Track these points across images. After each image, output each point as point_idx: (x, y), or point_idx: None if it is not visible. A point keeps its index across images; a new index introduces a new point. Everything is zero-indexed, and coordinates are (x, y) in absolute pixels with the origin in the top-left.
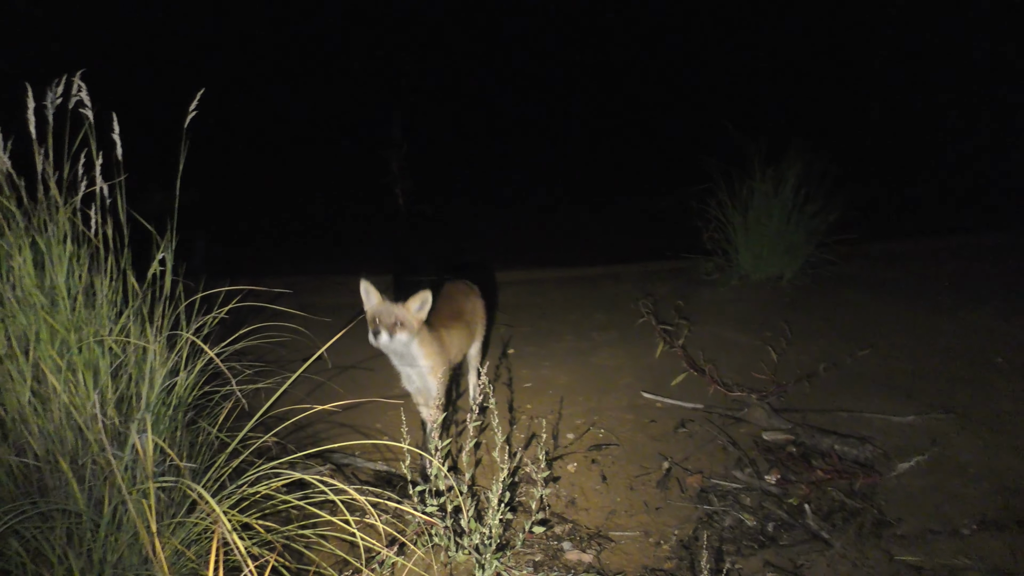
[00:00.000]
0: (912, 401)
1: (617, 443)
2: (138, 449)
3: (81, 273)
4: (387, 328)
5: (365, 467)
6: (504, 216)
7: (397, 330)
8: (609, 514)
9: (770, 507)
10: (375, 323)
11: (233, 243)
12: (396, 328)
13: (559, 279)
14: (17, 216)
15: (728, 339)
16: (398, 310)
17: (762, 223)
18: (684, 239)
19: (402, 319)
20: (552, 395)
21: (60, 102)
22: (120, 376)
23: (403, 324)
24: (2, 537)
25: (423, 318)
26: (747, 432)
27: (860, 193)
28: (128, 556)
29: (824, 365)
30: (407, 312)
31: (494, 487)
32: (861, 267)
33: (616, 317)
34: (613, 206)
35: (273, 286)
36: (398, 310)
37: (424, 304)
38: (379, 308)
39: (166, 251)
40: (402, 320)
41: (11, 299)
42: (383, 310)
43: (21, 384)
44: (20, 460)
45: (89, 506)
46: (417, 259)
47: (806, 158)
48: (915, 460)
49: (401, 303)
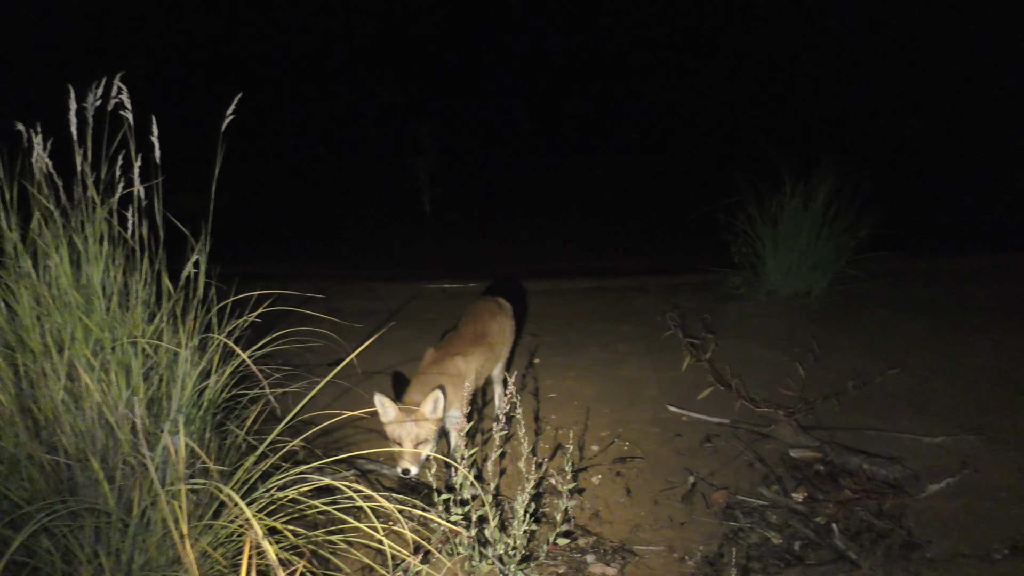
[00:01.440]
0: (943, 421)
1: (642, 456)
2: (170, 450)
3: (116, 274)
4: (411, 458)
5: (390, 474)
6: (530, 225)
7: (422, 449)
8: (633, 528)
9: (797, 525)
10: (399, 450)
11: (262, 244)
12: (420, 448)
13: (585, 289)
14: (56, 215)
15: (755, 354)
16: (416, 428)
17: (791, 238)
18: (712, 252)
19: (423, 436)
20: (577, 406)
21: (100, 103)
22: (151, 377)
23: (425, 440)
24: (33, 535)
25: (440, 416)
26: (774, 448)
27: (892, 210)
28: (156, 556)
29: (853, 383)
30: (424, 423)
31: (519, 498)
32: (892, 285)
33: (642, 329)
34: (641, 217)
35: (303, 290)
36: (416, 428)
37: (437, 404)
38: (398, 429)
39: (199, 254)
40: (424, 438)
41: (47, 297)
42: (402, 432)
43: (55, 382)
44: (52, 458)
45: (119, 506)
46: (443, 266)
47: (837, 173)
48: (945, 482)
49: (414, 412)
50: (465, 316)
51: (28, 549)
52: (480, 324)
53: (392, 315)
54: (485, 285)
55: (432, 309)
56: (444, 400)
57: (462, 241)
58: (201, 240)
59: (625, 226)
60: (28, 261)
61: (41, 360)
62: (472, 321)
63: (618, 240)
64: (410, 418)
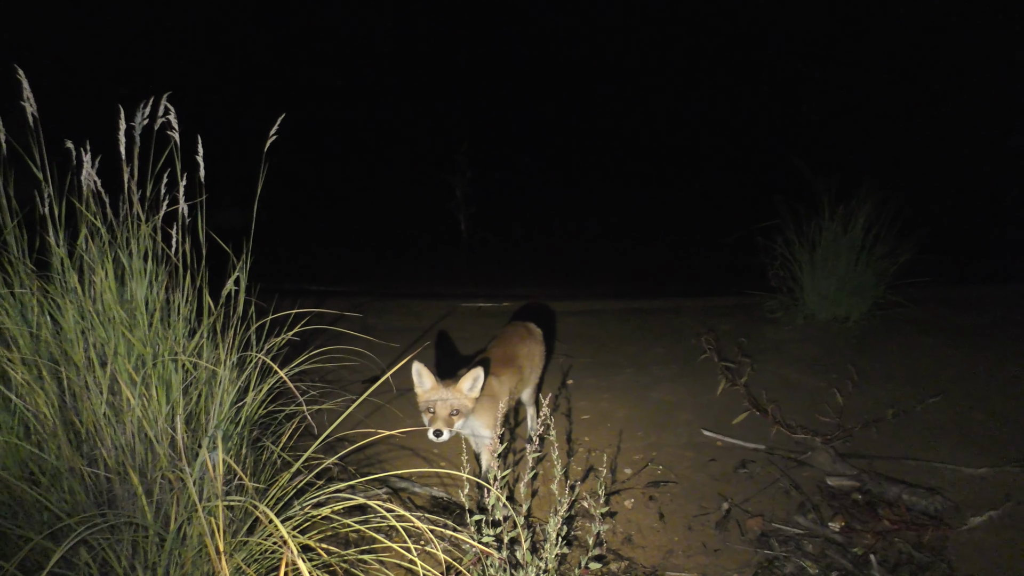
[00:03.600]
0: (985, 453)
1: (675, 481)
2: (208, 466)
3: (159, 290)
4: (444, 422)
5: (421, 492)
6: (564, 245)
7: (455, 420)
8: (666, 553)
9: (834, 556)
10: (431, 415)
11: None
12: (453, 419)
13: (619, 311)
14: (102, 231)
15: (792, 379)
16: (453, 397)
17: (830, 262)
18: (748, 276)
19: (457, 407)
20: (610, 428)
21: (147, 123)
22: (191, 392)
23: (459, 412)
24: (73, 547)
25: (476, 396)
26: (810, 476)
27: (935, 235)
28: (192, 571)
29: (892, 411)
30: (460, 395)
31: (551, 520)
32: (933, 311)
33: (676, 351)
34: (676, 239)
35: (340, 307)
36: (453, 397)
37: (476, 382)
38: (432, 396)
39: (240, 271)
40: (457, 408)
41: (92, 312)
42: (437, 400)
43: (97, 396)
44: (92, 471)
45: (156, 520)
46: (478, 285)
47: (878, 197)
48: (988, 514)
49: (453, 384)
50: (495, 340)
51: (67, 561)
52: (510, 348)
53: (426, 333)
54: (519, 305)
55: (466, 328)
56: (483, 379)
57: (497, 261)
58: (243, 258)
59: (660, 247)
60: (74, 277)
61: (84, 374)
62: (502, 345)
63: (653, 261)
64: (446, 388)
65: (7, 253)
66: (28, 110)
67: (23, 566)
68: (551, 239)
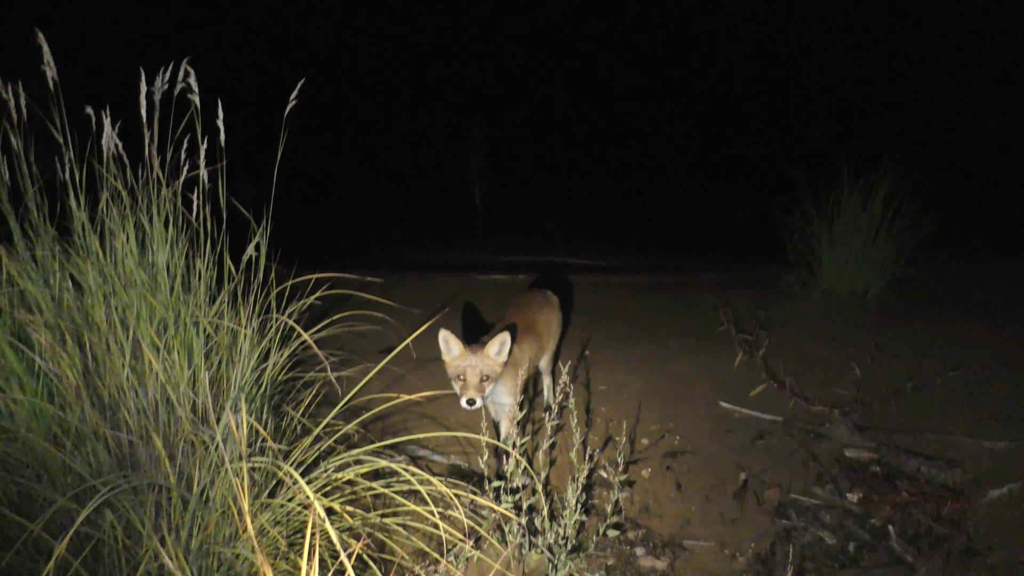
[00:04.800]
0: (1005, 426)
1: (693, 451)
2: (232, 429)
3: (180, 255)
4: (476, 389)
5: (440, 461)
6: (580, 218)
7: (486, 386)
8: (683, 523)
9: (852, 526)
10: (462, 383)
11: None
12: (484, 385)
13: (636, 284)
14: (123, 195)
15: (810, 353)
16: (481, 363)
17: (848, 236)
18: (766, 250)
19: (487, 372)
20: (627, 400)
21: (167, 88)
22: (212, 358)
23: (488, 377)
24: (97, 509)
25: (504, 361)
26: (828, 448)
27: (956, 210)
28: (215, 533)
29: (911, 384)
30: (489, 360)
31: (570, 488)
32: (953, 286)
33: (694, 325)
34: (694, 212)
35: (355, 281)
36: (481, 363)
37: (503, 346)
38: (462, 363)
39: (261, 237)
40: (487, 374)
41: (113, 276)
42: (466, 366)
43: (120, 359)
44: (115, 434)
45: (180, 483)
46: (493, 258)
47: (898, 171)
48: (1007, 487)
49: (480, 350)
50: (513, 307)
51: (92, 523)
52: (528, 315)
53: (443, 305)
54: (534, 277)
55: (483, 300)
56: (510, 344)
57: (512, 233)
58: (263, 224)
59: (678, 221)
60: (95, 241)
61: (107, 337)
62: (520, 312)
63: (670, 235)
64: (474, 354)
65: (28, 217)
66: (48, 74)
67: (48, 528)
68: (567, 213)
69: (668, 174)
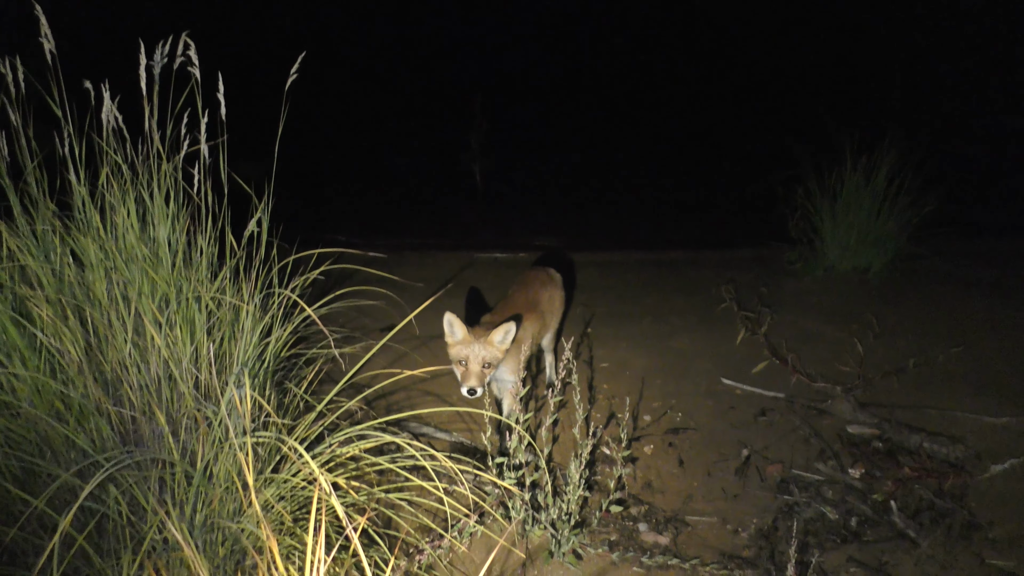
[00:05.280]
0: (1007, 402)
1: (695, 428)
2: (236, 403)
3: (181, 231)
4: (477, 378)
5: (441, 438)
6: (581, 196)
7: (487, 373)
8: (686, 498)
9: (854, 502)
10: (464, 368)
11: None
12: (485, 372)
13: (637, 262)
14: (124, 169)
15: (812, 330)
16: (484, 350)
17: (851, 213)
18: (767, 227)
19: (489, 359)
20: (629, 377)
21: (166, 61)
22: (214, 333)
23: (491, 365)
24: (101, 484)
25: (507, 348)
26: (830, 424)
27: (959, 186)
28: (219, 508)
29: (913, 361)
30: (492, 347)
31: (573, 464)
32: (956, 263)
33: (695, 302)
34: (695, 189)
35: (356, 259)
36: (484, 350)
37: (507, 335)
38: (464, 349)
39: (263, 212)
40: (489, 361)
41: (114, 251)
42: (469, 353)
43: (122, 334)
44: (118, 410)
45: (183, 458)
46: (494, 236)
47: (902, 147)
48: (1009, 463)
49: (484, 336)
50: (516, 285)
51: (96, 498)
52: (531, 292)
53: (444, 284)
54: (536, 256)
55: (484, 278)
56: (515, 332)
57: (513, 212)
58: (264, 199)
59: (678, 198)
60: (96, 215)
61: (109, 313)
62: (523, 290)
63: (671, 212)
64: (478, 340)
65: (28, 192)
66: (46, 47)
67: (51, 503)
68: (567, 191)
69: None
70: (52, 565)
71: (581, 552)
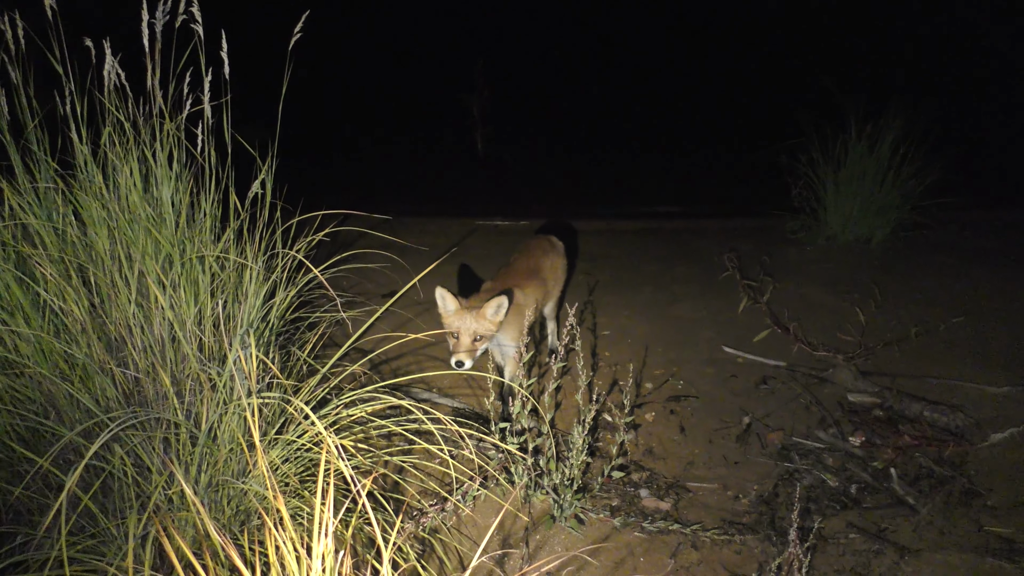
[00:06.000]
0: (1007, 372)
1: (696, 396)
2: (242, 364)
3: (185, 191)
4: (467, 351)
5: (444, 403)
6: (583, 163)
7: (477, 347)
8: (687, 465)
9: (854, 469)
10: (455, 340)
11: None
12: (476, 345)
13: (639, 230)
14: (126, 127)
15: (814, 299)
16: (476, 323)
17: (854, 182)
18: (770, 196)
19: (481, 332)
20: (631, 345)
21: (168, 19)
22: (218, 295)
23: (482, 337)
24: (106, 444)
25: (500, 321)
26: (831, 393)
27: (964, 157)
28: (224, 469)
29: (915, 330)
30: (484, 321)
31: (575, 430)
32: (958, 233)
33: (697, 271)
34: (699, 158)
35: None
36: (476, 323)
37: (500, 308)
38: (456, 321)
39: (267, 174)
40: (481, 334)
41: (117, 210)
42: (461, 325)
43: (126, 294)
44: (122, 370)
45: (189, 419)
46: (496, 204)
47: (907, 116)
48: (1009, 431)
49: (477, 309)
50: (518, 253)
51: (101, 457)
52: (533, 260)
53: (445, 251)
54: (537, 224)
55: (485, 246)
56: (507, 307)
57: (514, 179)
58: (268, 160)
59: (681, 166)
60: (99, 174)
61: (112, 272)
62: (526, 257)
63: (673, 180)
64: (470, 313)
65: (30, 150)
66: (47, 3)
67: (55, 462)
68: (569, 158)
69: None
70: (60, 522)
71: (583, 517)
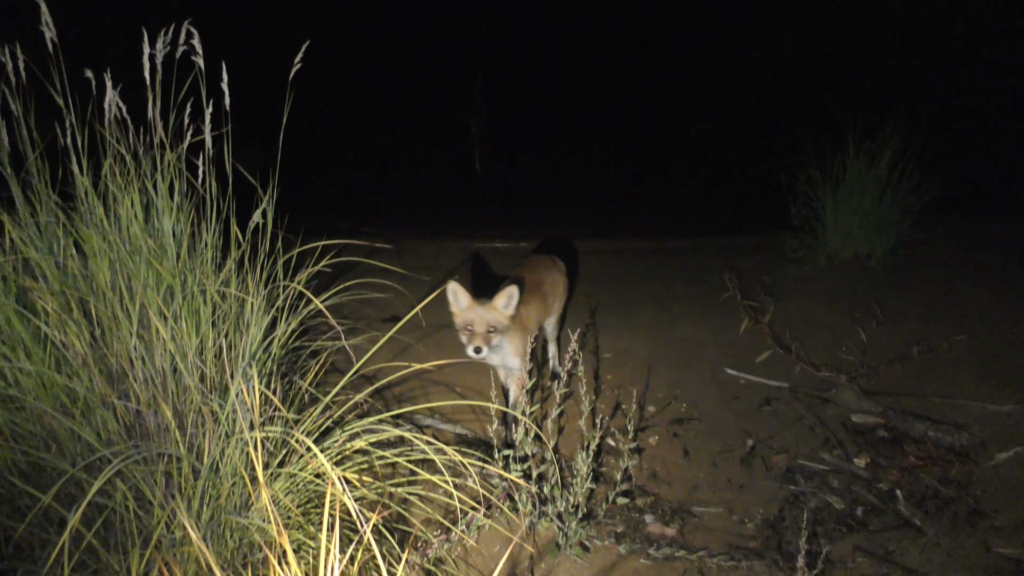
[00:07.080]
0: (1011, 390)
1: (699, 418)
2: (245, 397)
3: (186, 222)
4: (483, 339)
5: (446, 430)
6: (582, 183)
7: (492, 337)
8: (692, 489)
9: (859, 491)
10: (469, 332)
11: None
12: (491, 336)
13: (639, 250)
14: (127, 159)
15: (815, 318)
16: (489, 314)
17: (853, 199)
18: (769, 214)
19: (494, 323)
20: (633, 366)
21: (168, 50)
22: (219, 326)
23: (496, 328)
24: (108, 479)
25: (511, 314)
26: (835, 413)
27: (962, 172)
28: (227, 502)
29: (918, 348)
30: (496, 313)
31: (579, 456)
32: (959, 249)
33: (698, 290)
34: (697, 177)
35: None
36: (489, 314)
37: (511, 300)
38: (470, 314)
39: (268, 203)
40: (494, 325)
41: (118, 242)
42: (474, 317)
43: (127, 327)
44: (124, 403)
45: (190, 453)
46: (495, 224)
47: (904, 132)
48: (1014, 450)
49: (488, 302)
50: (520, 268)
51: (103, 492)
52: (535, 276)
53: (445, 273)
54: (537, 244)
55: (484, 268)
56: (517, 298)
57: (513, 200)
58: (269, 189)
59: (680, 185)
60: (100, 206)
61: (113, 304)
62: (527, 272)
63: (671, 200)
64: (482, 306)
65: (31, 182)
66: (47, 35)
67: (57, 498)
68: (567, 178)
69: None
70: (63, 559)
71: (588, 544)
